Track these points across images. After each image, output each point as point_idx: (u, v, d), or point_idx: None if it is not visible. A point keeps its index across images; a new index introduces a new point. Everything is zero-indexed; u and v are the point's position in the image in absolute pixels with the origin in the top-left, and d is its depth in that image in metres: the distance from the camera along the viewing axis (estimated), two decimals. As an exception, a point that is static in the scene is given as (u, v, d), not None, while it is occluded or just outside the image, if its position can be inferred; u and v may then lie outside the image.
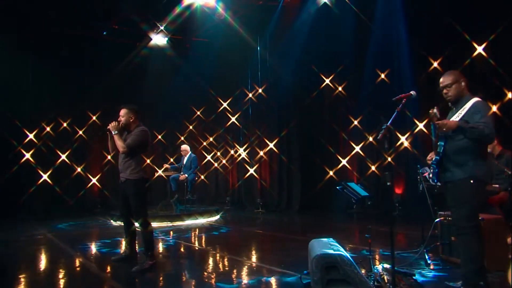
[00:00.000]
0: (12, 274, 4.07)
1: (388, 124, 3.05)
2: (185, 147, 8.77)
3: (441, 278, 3.56)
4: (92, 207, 9.91)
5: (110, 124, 4.30)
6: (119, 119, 4.35)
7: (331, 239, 3.60)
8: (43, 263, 4.72)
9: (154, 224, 7.57)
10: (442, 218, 4.20)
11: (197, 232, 6.82)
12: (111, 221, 8.21)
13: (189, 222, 7.82)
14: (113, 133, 4.25)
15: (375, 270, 3.51)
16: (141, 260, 4.24)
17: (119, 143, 4.19)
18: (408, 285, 3.18)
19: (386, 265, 3.52)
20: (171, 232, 6.85)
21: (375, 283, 3.23)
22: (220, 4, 8.88)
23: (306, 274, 3.39)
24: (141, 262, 4.17)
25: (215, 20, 9.27)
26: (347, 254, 3.11)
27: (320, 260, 3.02)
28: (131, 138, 4.24)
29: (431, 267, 3.89)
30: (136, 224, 4.40)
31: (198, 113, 11.16)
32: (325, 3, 8.51)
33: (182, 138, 11.19)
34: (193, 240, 6.13)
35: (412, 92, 3.28)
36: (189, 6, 8.98)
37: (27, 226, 7.45)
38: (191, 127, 11.22)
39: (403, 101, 3.24)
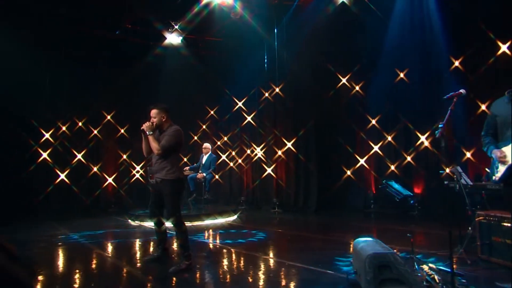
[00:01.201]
0: (48, 275, 4.04)
1: (444, 122, 2.99)
2: (207, 145, 8.71)
3: (488, 278, 3.53)
4: (107, 207, 9.88)
5: (143, 125, 4.26)
6: (151, 120, 4.28)
7: (374, 239, 3.57)
8: (75, 264, 4.67)
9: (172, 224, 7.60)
10: (481, 218, 4.17)
11: (220, 232, 6.78)
12: (129, 221, 8.17)
13: (208, 222, 7.78)
14: (147, 133, 4.20)
15: (419, 270, 3.49)
16: (178, 260, 4.19)
17: (154, 145, 4.14)
18: (461, 285, 3.14)
19: (432, 265, 3.49)
20: (194, 231, 6.81)
21: (425, 283, 3.20)
22: (236, 3, 8.85)
23: (353, 273, 3.36)
24: (177, 263, 4.13)
25: (230, 19, 9.24)
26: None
27: (373, 260, 3.00)
28: (165, 139, 4.18)
29: (471, 267, 3.86)
30: (167, 225, 4.35)
31: (212, 112, 11.13)
32: (342, 2, 8.48)
33: (196, 138, 11.18)
34: (219, 240, 6.08)
35: (462, 91, 3.25)
36: (205, 5, 8.96)
37: (46, 225, 7.41)
38: (204, 127, 11.19)
39: (454, 100, 3.20)
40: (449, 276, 3.31)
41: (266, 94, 9.79)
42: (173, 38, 10.27)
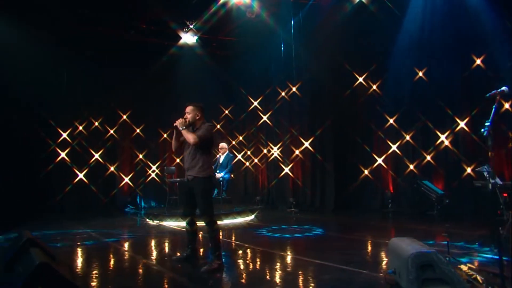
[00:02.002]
0: (84, 274, 4.06)
1: (491, 120, 2.96)
2: (223, 145, 8.72)
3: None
4: (122, 206, 9.93)
5: (177, 121, 4.18)
6: (185, 116, 4.25)
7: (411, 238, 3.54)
8: (106, 263, 4.67)
9: (193, 223, 7.61)
10: (516, 217, 4.11)
11: (242, 232, 6.78)
12: (147, 220, 8.20)
13: (227, 221, 7.78)
14: (180, 128, 4.13)
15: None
16: (209, 260, 4.17)
17: (190, 136, 4.05)
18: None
19: (470, 265, 3.45)
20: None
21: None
22: (254, 2, 8.84)
23: (392, 273, 3.33)
24: (209, 262, 4.11)
25: (246, 18, 9.23)
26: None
27: (415, 259, 2.96)
28: (201, 131, 4.14)
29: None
30: (199, 224, 4.35)
31: (226, 112, 11.14)
32: (360, 1, 8.43)
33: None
34: (243, 240, 6.03)
35: (504, 88, 3.21)
36: (221, 5, 8.96)
37: (65, 225, 7.44)
38: (218, 126, 11.19)
39: (497, 98, 3.16)
40: (490, 276, 3.30)
41: (283, 94, 9.77)
42: (188, 38, 10.28)
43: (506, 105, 6.82)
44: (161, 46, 10.32)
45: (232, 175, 9.77)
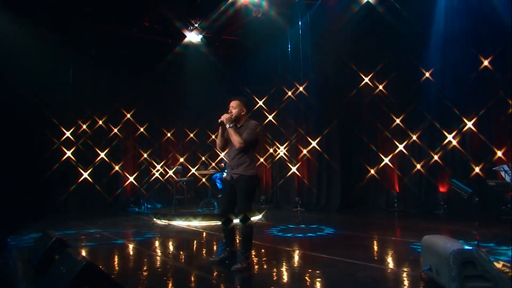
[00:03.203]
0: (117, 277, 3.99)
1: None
2: (231, 144, 8.69)
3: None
4: (125, 205, 9.82)
5: (222, 116, 4.04)
6: (230, 111, 4.11)
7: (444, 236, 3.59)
8: (130, 264, 4.60)
9: (204, 223, 7.58)
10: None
11: (256, 231, 6.75)
12: (154, 219, 8.12)
13: (236, 221, 7.74)
14: (227, 126, 4.01)
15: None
16: (239, 258, 4.13)
17: (236, 138, 3.95)
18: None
19: (504, 262, 3.51)
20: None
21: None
22: (262, 2, 8.82)
23: (427, 271, 3.36)
24: (239, 261, 4.06)
25: (252, 17, 9.21)
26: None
27: (457, 256, 3.00)
28: (247, 132, 4.00)
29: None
30: (236, 221, 4.23)
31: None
32: (367, 1, 8.50)
33: (214, 137, 11.14)
34: (260, 239, 6.00)
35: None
36: (227, 3, 8.93)
37: (72, 224, 7.32)
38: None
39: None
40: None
41: (289, 93, 9.77)
42: (193, 37, 10.22)
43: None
44: (165, 44, 10.25)
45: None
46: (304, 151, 9.47)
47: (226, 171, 8.41)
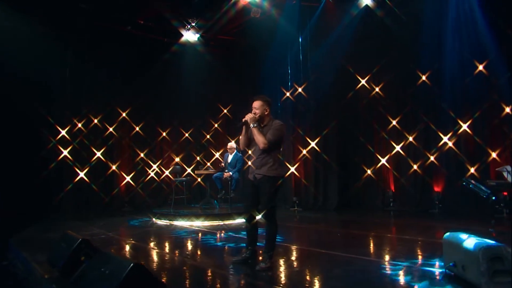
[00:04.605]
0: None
1: None
2: (232, 144, 8.71)
3: None
4: (120, 206, 9.65)
5: (246, 116, 4.04)
6: (254, 112, 4.10)
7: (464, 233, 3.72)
8: (153, 264, 4.53)
9: (206, 223, 7.56)
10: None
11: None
12: (154, 219, 8.04)
13: (239, 220, 7.76)
14: (251, 126, 4.01)
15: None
16: (263, 257, 4.13)
17: (260, 138, 3.96)
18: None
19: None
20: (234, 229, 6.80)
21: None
22: (259, 2, 8.86)
23: (452, 266, 3.49)
24: (263, 260, 4.08)
25: (250, 17, 9.23)
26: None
27: (486, 252, 3.13)
28: (271, 133, 4.00)
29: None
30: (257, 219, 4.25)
31: (225, 111, 11.08)
32: (366, 5, 8.67)
33: (208, 136, 11.11)
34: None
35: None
36: (225, 3, 8.92)
37: (72, 225, 7.15)
38: (216, 125, 11.13)
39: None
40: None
41: (288, 94, 9.85)
42: (189, 36, 10.16)
43: (507, 109, 7.25)
44: (161, 43, 10.15)
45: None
46: (304, 151, 9.55)
47: (227, 170, 8.46)
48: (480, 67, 7.63)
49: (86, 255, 3.49)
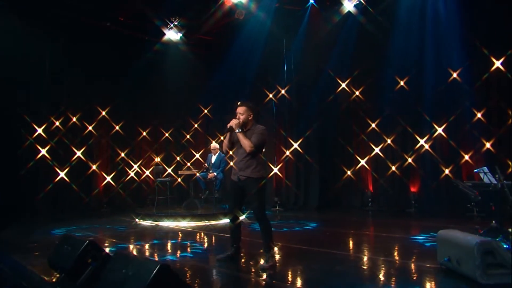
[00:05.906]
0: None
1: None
2: (215, 145, 8.75)
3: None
4: (98, 207, 9.40)
5: (231, 121, 4.24)
6: (238, 117, 4.29)
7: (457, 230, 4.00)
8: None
9: (193, 223, 7.54)
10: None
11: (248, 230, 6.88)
12: (137, 220, 7.93)
13: (226, 220, 7.80)
14: (236, 131, 4.21)
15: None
16: (265, 256, 4.23)
17: (246, 142, 4.15)
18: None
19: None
20: (221, 230, 6.83)
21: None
22: (243, 3, 8.93)
23: (447, 261, 3.74)
24: (265, 259, 4.19)
25: (234, 18, 9.28)
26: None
27: (480, 247, 3.40)
28: (256, 137, 4.20)
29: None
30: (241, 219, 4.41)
31: (206, 111, 11.06)
32: (348, 11, 8.97)
33: (188, 137, 11.05)
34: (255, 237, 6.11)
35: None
36: (209, 3, 8.94)
37: (56, 226, 6.90)
38: (196, 125, 11.09)
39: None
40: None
41: (270, 96, 9.98)
42: (171, 35, 10.06)
43: (478, 115, 7.76)
44: (143, 41, 9.97)
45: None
46: (287, 152, 9.72)
47: (211, 171, 8.47)
48: (454, 75, 8.09)
49: (93, 258, 3.44)
